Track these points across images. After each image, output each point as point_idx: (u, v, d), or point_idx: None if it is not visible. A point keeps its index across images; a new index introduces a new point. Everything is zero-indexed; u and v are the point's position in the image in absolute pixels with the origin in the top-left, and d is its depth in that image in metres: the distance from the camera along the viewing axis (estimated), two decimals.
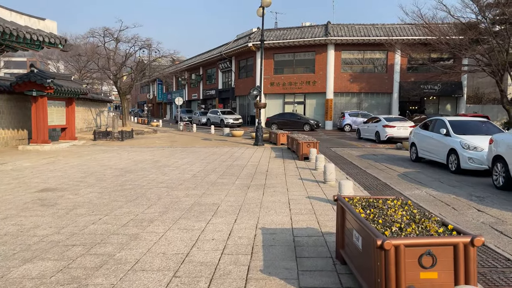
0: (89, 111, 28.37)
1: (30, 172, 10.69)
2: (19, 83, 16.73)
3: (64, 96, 18.79)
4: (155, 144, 20.01)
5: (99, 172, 10.63)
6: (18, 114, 18.38)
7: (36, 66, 17.76)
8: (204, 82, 50.25)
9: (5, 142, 17.58)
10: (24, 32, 12.46)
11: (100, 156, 14.57)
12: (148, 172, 10.52)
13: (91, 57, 31.09)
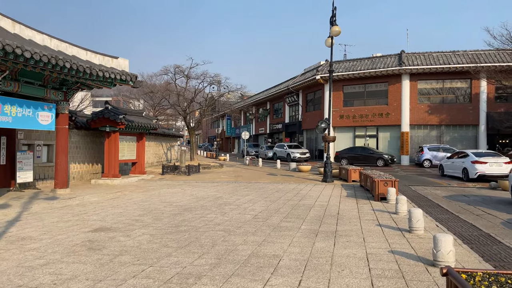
0: (160, 146, 29.21)
1: (93, 208, 10.54)
2: (94, 119, 17.47)
3: (135, 131, 19.30)
4: (219, 179, 19.57)
5: (159, 209, 10.15)
6: (93, 149, 19.17)
7: (110, 103, 18.53)
8: (271, 116, 50.20)
9: (81, 176, 18.28)
10: (97, 70, 12.87)
11: (164, 191, 14.31)
12: (208, 211, 9.79)
13: (163, 94, 32.46)
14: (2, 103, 11.20)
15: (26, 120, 12.09)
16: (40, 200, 11.61)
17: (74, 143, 17.83)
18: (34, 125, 12.51)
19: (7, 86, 11.52)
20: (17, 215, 9.34)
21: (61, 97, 13.75)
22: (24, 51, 10.08)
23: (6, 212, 9.59)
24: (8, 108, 11.43)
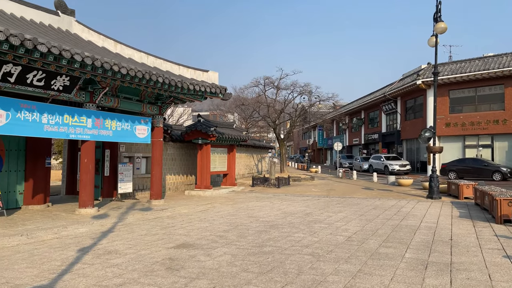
0: (250, 157, 29.35)
1: (181, 221, 10.51)
2: (188, 132, 18.00)
3: (225, 143, 19.47)
4: (310, 193, 18.66)
5: (244, 225, 9.68)
6: (187, 161, 19.80)
7: (204, 116, 18.99)
8: (366, 126, 47.62)
9: (176, 187, 18.94)
10: (188, 84, 13.11)
11: (252, 205, 13.92)
12: (295, 230, 9.01)
13: (254, 105, 32.80)
14: (103, 118, 11.92)
15: (124, 133, 12.74)
16: (136, 211, 12.03)
17: (170, 155, 18.57)
18: (132, 138, 13.13)
19: (108, 102, 12.26)
20: (112, 226, 9.65)
21: (156, 111, 14.32)
22: (120, 68, 10.56)
23: (104, 223, 9.99)
24: (109, 123, 12.13)
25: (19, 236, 8.13)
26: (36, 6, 12.41)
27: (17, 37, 8.02)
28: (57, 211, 11.74)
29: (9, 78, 9.20)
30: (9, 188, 11.88)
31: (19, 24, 10.54)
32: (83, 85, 11.34)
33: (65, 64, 9.46)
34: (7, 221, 9.76)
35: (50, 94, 10.41)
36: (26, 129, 9.75)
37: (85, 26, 13.94)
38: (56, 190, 17.72)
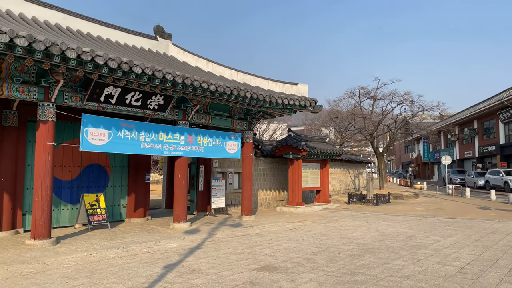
0: (346, 173, 28.00)
1: (269, 239, 10.11)
2: (278, 147, 17.76)
3: (317, 158, 18.75)
4: (413, 212, 16.85)
5: (336, 247, 8.88)
6: (279, 176, 19.53)
7: (294, 130, 18.62)
8: (480, 137, 42.33)
9: (268, 203, 18.75)
10: (276, 98, 12.88)
11: (346, 224, 12.95)
12: (394, 255, 7.94)
13: (349, 118, 31.42)
14: (195, 134, 12.25)
15: (215, 149, 12.94)
16: (226, 226, 12.01)
17: (261, 171, 18.50)
18: (223, 154, 13.28)
19: (200, 119, 12.60)
20: (200, 242, 9.67)
21: (245, 127, 14.34)
22: (209, 85, 10.74)
23: (194, 238, 10.09)
24: (201, 139, 12.43)
25: (116, 249, 8.54)
26: (137, 32, 13.45)
27: (114, 60, 8.59)
28: (154, 224, 12.28)
29: (110, 99, 9.94)
30: (114, 202, 12.83)
31: (121, 50, 11.44)
32: (176, 103, 11.81)
33: (158, 84, 9.91)
34: (109, 234, 10.44)
35: (146, 113, 11.01)
36: (126, 146, 10.40)
37: (180, 48, 14.70)
38: (158, 204, 18.84)
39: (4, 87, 8.33)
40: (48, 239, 8.82)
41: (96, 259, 7.76)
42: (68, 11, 11.52)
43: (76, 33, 11.24)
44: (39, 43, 7.44)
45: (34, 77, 8.92)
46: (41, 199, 8.78)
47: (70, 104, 9.43)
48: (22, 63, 8.38)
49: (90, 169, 12.22)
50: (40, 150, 8.86)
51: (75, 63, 8.30)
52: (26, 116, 10.53)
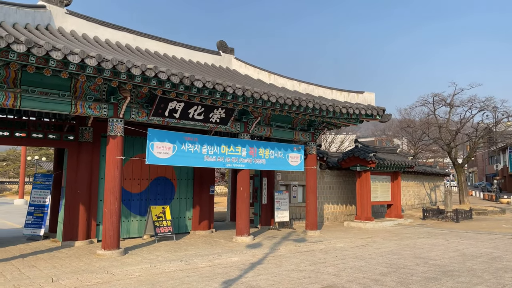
0: (421, 186, 26.11)
1: (334, 256, 9.55)
2: (345, 158, 17.04)
3: (387, 170, 17.66)
4: (499, 229, 15.05)
5: (408, 268, 8.09)
6: (346, 189, 18.72)
7: (361, 141, 17.79)
8: None
9: (334, 217, 18.02)
10: (340, 107, 12.36)
11: (420, 242, 11.88)
12: (477, 280, 6.99)
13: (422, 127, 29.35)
14: (257, 146, 12.15)
15: (277, 161, 12.71)
16: (289, 241, 11.64)
17: (327, 183, 17.87)
18: (285, 166, 13.00)
19: (261, 131, 12.48)
20: (262, 257, 9.42)
21: (308, 138, 13.94)
22: (270, 97, 10.60)
23: (255, 253, 9.87)
24: (262, 151, 12.30)
25: (178, 261, 8.61)
26: (201, 48, 13.82)
27: (176, 75, 8.81)
28: (218, 237, 12.30)
29: (174, 114, 10.21)
30: (180, 214, 13.12)
31: (185, 66, 11.78)
32: (237, 116, 11.83)
33: (219, 97, 9.99)
34: (174, 246, 10.62)
35: (209, 127, 11.16)
36: (189, 159, 10.58)
37: (242, 62, 14.83)
38: (223, 216, 19.02)
39: (78, 105, 8.92)
40: (116, 249, 9.17)
41: (159, 271, 7.86)
42: (137, 32, 12.18)
43: (144, 52, 11.81)
44: (107, 62, 7.85)
45: (104, 95, 9.46)
46: (111, 211, 9.18)
47: (137, 119, 9.84)
48: (93, 82, 8.93)
49: (157, 182, 12.65)
50: (109, 164, 9.31)
51: (140, 80, 8.64)
52: (99, 132, 11.21)
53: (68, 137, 10.87)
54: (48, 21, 9.92)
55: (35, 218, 11.57)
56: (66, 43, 8.45)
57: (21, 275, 7.14)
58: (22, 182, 33.05)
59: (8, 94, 8.02)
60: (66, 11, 10.41)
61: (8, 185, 48.90)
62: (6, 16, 8.49)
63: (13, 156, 45.27)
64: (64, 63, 7.65)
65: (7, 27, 7.82)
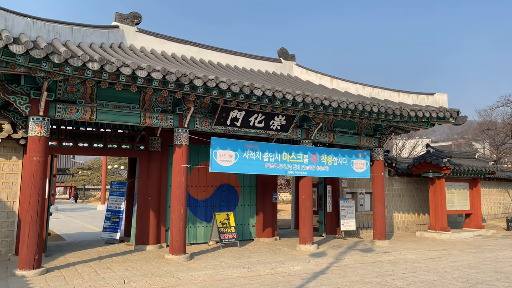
0: (505, 194, 23.72)
1: (403, 269, 9.00)
2: (415, 164, 16.07)
3: (465, 177, 16.30)
4: None
5: (487, 283, 7.35)
6: (418, 197, 17.61)
7: (431, 146, 16.67)
8: None
9: (405, 227, 17.03)
10: (408, 111, 11.70)
11: (503, 255, 10.76)
12: None
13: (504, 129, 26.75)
14: (319, 153, 11.92)
15: (341, 168, 12.35)
16: (356, 251, 11.21)
17: (396, 191, 16.97)
18: (349, 173, 12.58)
19: (323, 137, 12.24)
20: (326, 267, 9.17)
21: (374, 144, 13.37)
22: (331, 102, 10.37)
23: (319, 262, 9.64)
24: (325, 158, 12.03)
25: (241, 268, 8.69)
26: (262, 57, 13.97)
27: (237, 85, 8.99)
28: (281, 245, 12.23)
29: (235, 122, 10.41)
30: (244, 221, 13.28)
31: (245, 75, 11.98)
32: (298, 123, 11.74)
33: (279, 104, 10.00)
34: (238, 252, 10.75)
35: (270, 134, 11.20)
36: (251, 167, 10.69)
37: (303, 68, 14.72)
38: (287, 224, 18.91)
39: (147, 116, 9.47)
40: (183, 254, 9.51)
41: (222, 277, 8.00)
42: (201, 45, 12.65)
43: (207, 63, 12.23)
44: (171, 75, 8.25)
45: (170, 106, 9.95)
46: (177, 217, 9.56)
47: (200, 129, 10.19)
48: (160, 95, 9.42)
49: (221, 189, 12.95)
50: (176, 172, 9.73)
51: (203, 91, 8.95)
52: (167, 141, 11.78)
53: (139, 147, 11.58)
54: (121, 40, 10.69)
55: (111, 223, 12.44)
56: (135, 59, 9.03)
57: (97, 276, 7.69)
58: (104, 189, 35.87)
59: (86, 109, 8.76)
60: (137, 29, 11.15)
61: (92, 192, 53.44)
62: (84, 37, 9.31)
63: (96, 165, 49.39)
64: (133, 78, 8.18)
65: (84, 47, 8.56)
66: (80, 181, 49.73)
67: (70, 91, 8.77)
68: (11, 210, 9.53)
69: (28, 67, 7.27)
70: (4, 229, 9.41)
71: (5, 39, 6.56)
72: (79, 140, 10.88)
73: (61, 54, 7.11)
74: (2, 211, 9.42)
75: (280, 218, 20.92)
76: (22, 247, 7.90)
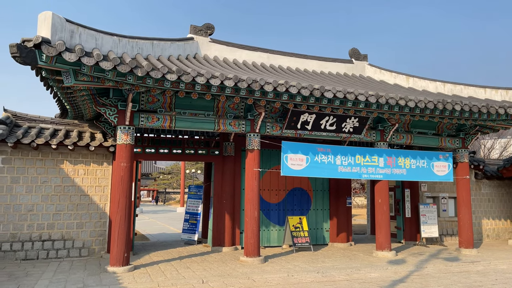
0: None
1: (493, 280, 8.23)
2: (506, 166, 14.61)
3: None
4: None
5: None
6: (510, 202, 15.97)
7: None
8: None
9: (496, 235, 15.54)
10: (496, 108, 10.70)
11: None
12: None
13: None
14: (395, 156, 11.40)
15: (420, 171, 11.67)
16: (439, 260, 10.50)
17: (485, 195, 15.55)
18: (429, 177, 11.83)
19: (400, 139, 11.68)
20: (405, 275, 8.72)
21: (458, 145, 12.43)
22: (407, 101, 9.89)
23: (398, 270, 9.20)
24: (402, 161, 11.47)
25: (315, 273, 8.62)
26: (332, 59, 13.76)
27: (306, 88, 8.98)
28: (357, 251, 11.88)
29: (306, 126, 10.39)
30: (317, 225, 13.13)
31: (315, 78, 11.89)
32: (372, 124, 11.35)
33: (351, 106, 9.78)
34: (311, 257, 10.67)
35: (342, 137, 10.97)
36: (323, 171, 10.57)
37: (376, 68, 14.22)
38: (362, 229, 18.30)
39: (220, 123, 9.85)
40: (257, 257, 9.69)
41: (296, 281, 8.00)
42: (271, 51, 12.85)
43: (277, 69, 12.38)
44: (243, 82, 8.50)
45: (242, 112, 10.24)
46: (251, 220, 9.78)
47: (271, 133, 10.34)
48: (232, 101, 9.74)
49: (293, 193, 12.97)
50: (248, 176, 9.97)
51: (273, 95, 9.09)
52: (240, 146, 12.12)
53: (214, 152, 12.07)
54: (196, 51, 11.27)
55: (190, 224, 13.10)
56: (209, 68, 9.47)
57: (178, 275, 8.15)
58: (182, 192, 37.83)
59: (165, 117, 9.37)
60: (210, 40, 11.67)
61: (172, 195, 56.71)
62: (163, 51, 9.98)
63: (175, 170, 52.33)
64: (207, 86, 8.57)
65: (163, 60, 9.18)
66: (161, 185, 53.01)
67: (152, 101, 9.45)
68: (103, 211, 10.50)
69: (115, 81, 7.99)
70: (98, 229, 10.39)
71: (96, 57, 7.29)
72: (160, 147, 11.65)
73: (144, 68, 7.70)
74: (95, 212, 10.42)
75: (355, 223, 20.33)
76: (113, 246, 8.66)
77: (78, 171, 10.37)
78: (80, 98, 9.01)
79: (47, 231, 9.88)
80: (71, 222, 10.13)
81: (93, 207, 10.40)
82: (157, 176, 53.80)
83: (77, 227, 10.17)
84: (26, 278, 7.78)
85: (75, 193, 10.27)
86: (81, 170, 10.40)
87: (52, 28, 7.14)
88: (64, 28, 7.42)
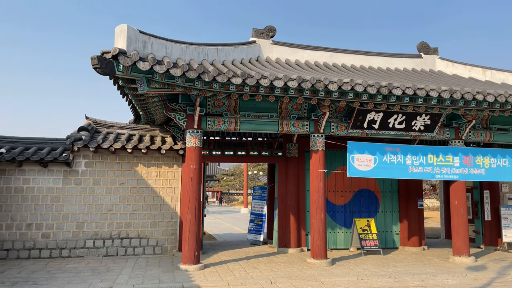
0: None
1: None
2: None
3: None
4: None
5: None
6: None
7: None
8: None
9: None
10: None
11: None
12: None
13: None
14: (473, 154, 10.61)
15: (501, 171, 10.74)
16: None
17: None
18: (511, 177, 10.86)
19: (477, 137, 10.86)
20: (486, 282, 8.08)
21: None
22: (486, 96, 9.19)
23: (478, 276, 8.55)
24: (480, 160, 10.64)
25: (386, 277, 8.30)
26: (399, 54, 13.17)
27: (373, 86, 8.69)
28: (431, 255, 11.23)
29: (373, 125, 10.04)
30: (386, 228, 12.62)
31: (382, 75, 11.46)
32: (445, 121, 10.69)
33: (421, 103, 9.30)
34: (381, 260, 10.28)
35: (412, 136, 10.46)
36: (392, 171, 10.14)
37: (448, 61, 13.37)
38: (436, 233, 17.27)
39: (284, 124, 9.87)
40: (324, 259, 9.55)
41: (366, 285, 7.76)
42: (333, 49, 12.62)
43: (341, 67, 12.12)
44: (306, 82, 8.44)
45: (305, 113, 10.17)
46: (317, 222, 9.66)
47: (336, 133, 10.14)
48: (295, 102, 9.70)
49: (360, 194, 12.59)
50: (313, 177, 9.86)
51: (337, 95, 8.91)
52: (303, 147, 12.04)
53: (277, 153, 12.11)
54: (258, 54, 11.41)
55: (255, 225, 13.27)
56: (271, 70, 9.54)
57: (247, 275, 8.29)
58: (245, 193, 38.47)
59: (230, 120, 9.60)
60: (272, 42, 11.75)
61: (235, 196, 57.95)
62: (227, 55, 10.24)
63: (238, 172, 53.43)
64: (271, 88, 8.64)
65: (228, 64, 9.41)
66: (225, 186, 54.39)
67: (217, 105, 9.73)
68: (174, 211, 11.01)
69: (184, 87, 8.34)
70: (169, 228, 10.91)
71: (166, 64, 7.68)
72: (225, 149, 11.95)
73: (210, 73, 7.96)
74: (167, 212, 10.95)
75: (427, 226, 19.24)
76: (184, 245, 9.03)
77: (151, 173, 10.98)
78: (152, 105, 9.53)
79: (125, 229, 10.58)
80: (146, 222, 10.75)
81: (165, 207, 10.94)
82: (221, 178, 55.33)
83: (151, 226, 10.77)
84: (108, 273, 8.39)
85: (148, 194, 10.88)
86: (154, 172, 11.00)
87: (127, 40, 7.64)
88: (137, 39, 7.91)
